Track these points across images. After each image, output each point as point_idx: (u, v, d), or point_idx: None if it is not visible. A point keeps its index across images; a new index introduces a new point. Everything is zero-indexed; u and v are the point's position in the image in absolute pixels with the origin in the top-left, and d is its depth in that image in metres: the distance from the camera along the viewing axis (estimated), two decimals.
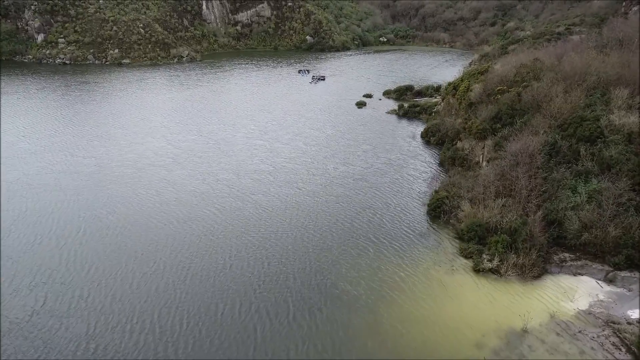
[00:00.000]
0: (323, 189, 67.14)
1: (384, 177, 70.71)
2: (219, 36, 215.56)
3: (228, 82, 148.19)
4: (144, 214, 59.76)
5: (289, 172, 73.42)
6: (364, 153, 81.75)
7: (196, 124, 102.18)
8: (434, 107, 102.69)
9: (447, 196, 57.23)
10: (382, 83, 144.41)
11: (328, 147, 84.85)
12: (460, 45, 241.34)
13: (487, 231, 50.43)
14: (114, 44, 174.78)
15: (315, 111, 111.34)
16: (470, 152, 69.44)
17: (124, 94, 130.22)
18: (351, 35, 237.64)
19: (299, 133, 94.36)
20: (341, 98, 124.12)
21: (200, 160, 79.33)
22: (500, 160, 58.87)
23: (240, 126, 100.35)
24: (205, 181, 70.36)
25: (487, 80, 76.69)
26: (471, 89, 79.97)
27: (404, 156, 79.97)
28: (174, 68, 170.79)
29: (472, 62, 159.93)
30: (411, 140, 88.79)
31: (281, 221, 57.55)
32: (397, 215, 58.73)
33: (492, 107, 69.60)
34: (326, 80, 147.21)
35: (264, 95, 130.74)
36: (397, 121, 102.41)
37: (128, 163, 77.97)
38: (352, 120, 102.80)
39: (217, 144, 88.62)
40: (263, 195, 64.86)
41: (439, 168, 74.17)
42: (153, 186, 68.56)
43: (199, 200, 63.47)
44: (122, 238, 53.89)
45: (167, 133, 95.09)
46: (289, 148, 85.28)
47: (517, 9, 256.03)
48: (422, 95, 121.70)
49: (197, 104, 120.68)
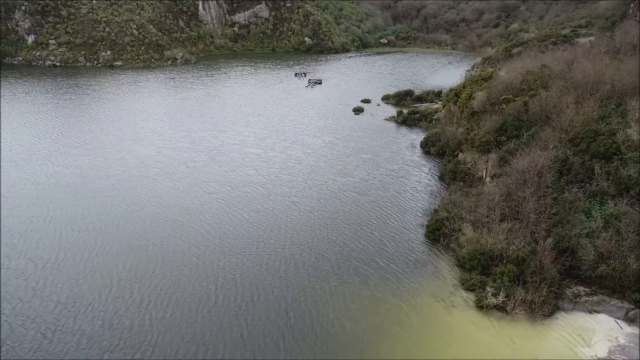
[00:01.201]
0: (318, 203, 62.27)
1: (381, 192, 65.67)
2: (215, 37, 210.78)
3: (223, 86, 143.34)
4: (123, 232, 54.82)
5: (283, 185, 68.54)
6: (361, 163, 76.71)
7: (188, 130, 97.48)
8: (435, 114, 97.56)
9: (447, 217, 52.17)
10: (382, 87, 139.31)
11: (323, 157, 79.90)
12: (462, 47, 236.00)
13: (491, 259, 45.36)
14: (106, 46, 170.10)
15: (312, 117, 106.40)
16: (473, 166, 64.36)
17: (114, 98, 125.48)
18: (351, 36, 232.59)
19: (294, 140, 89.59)
20: (338, 103, 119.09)
21: (189, 171, 74.52)
22: (506, 178, 53.79)
23: (235, 132, 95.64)
24: (194, 194, 65.51)
25: (491, 87, 71.58)
26: (474, 97, 74.89)
27: (402, 168, 74.91)
28: (167, 70, 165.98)
29: (474, 65, 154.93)
30: (410, 150, 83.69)
31: (274, 242, 52.51)
32: (394, 237, 53.69)
33: (496, 118, 64.52)
34: (323, 84, 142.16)
35: (260, 99, 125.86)
36: (396, 129, 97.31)
37: (113, 174, 73.20)
38: (349, 128, 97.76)
39: (209, 152, 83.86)
40: (255, 212, 59.76)
41: (439, 182, 69.06)
42: (136, 200, 63.73)
43: (184, 217, 58.51)
44: (97, 261, 48.96)
45: (157, 140, 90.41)
46: (284, 157, 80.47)
47: (521, 10, 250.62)
48: (422, 100, 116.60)
49: (190, 108, 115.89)
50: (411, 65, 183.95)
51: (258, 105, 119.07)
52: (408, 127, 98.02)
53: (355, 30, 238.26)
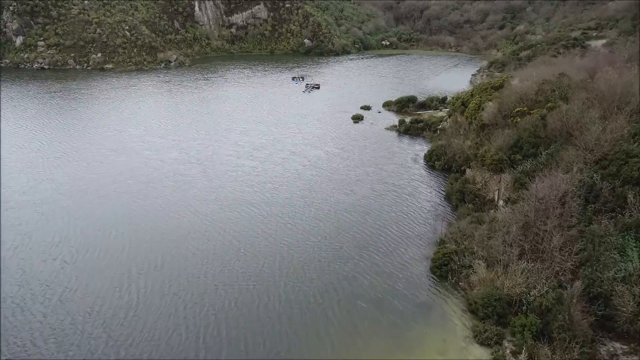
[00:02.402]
0: (317, 227, 55.71)
1: (383, 214, 58.85)
2: (212, 39, 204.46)
3: (217, 90, 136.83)
4: (94, 261, 48.23)
5: (279, 204, 61.90)
6: (362, 178, 70.03)
7: (179, 138, 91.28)
8: (439, 123, 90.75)
9: (455, 251, 45.42)
10: (383, 92, 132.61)
11: (322, 170, 73.29)
12: (466, 50, 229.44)
13: (508, 305, 38.66)
14: (96, 48, 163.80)
15: (309, 124, 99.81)
16: (483, 186, 57.60)
17: (103, 103, 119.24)
18: (352, 38, 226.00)
19: (292, 151, 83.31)
20: (337, 110, 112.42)
21: (178, 186, 68.02)
22: (522, 204, 46.96)
23: (229, 141, 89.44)
24: (180, 214, 58.99)
25: (502, 97, 64.77)
26: (483, 107, 68.11)
27: (404, 185, 68.14)
28: (160, 74, 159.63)
29: (480, 69, 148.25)
30: (413, 164, 76.92)
31: (266, 276, 45.69)
32: (396, 270, 46.90)
33: (509, 133, 57.72)
34: (321, 89, 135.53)
35: (257, 104, 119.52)
36: (398, 139, 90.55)
37: (90, 189, 66.82)
38: (348, 137, 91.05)
39: (200, 163, 77.48)
40: (246, 237, 52.83)
41: (445, 203, 62.31)
42: (114, 220, 57.20)
43: (167, 243, 51.85)
44: (65, 297, 42.41)
45: (144, 150, 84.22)
46: (280, 171, 74.04)
47: (527, 12, 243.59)
48: (425, 107, 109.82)
49: (182, 114, 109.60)
50: (414, 69, 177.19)
51: (254, 111, 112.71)
52: (410, 137, 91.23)
53: (357, 32, 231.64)
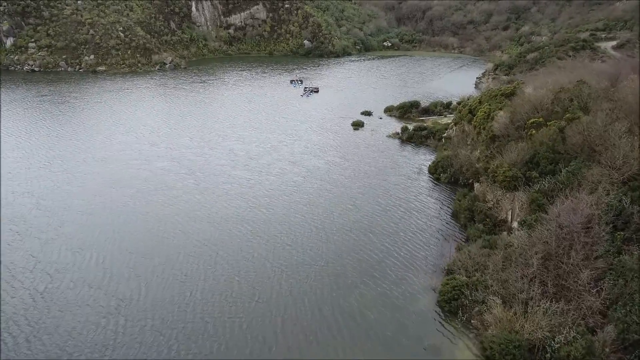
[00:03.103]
0: (317, 249, 50.90)
1: (385, 233, 53.81)
2: (209, 40, 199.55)
3: (213, 93, 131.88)
4: (69, 292, 43.16)
5: (277, 221, 57.06)
6: (361, 193, 64.87)
7: (172, 145, 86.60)
8: (444, 131, 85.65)
9: (466, 284, 40.34)
10: (384, 96, 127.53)
11: (321, 182, 68.39)
12: (470, 51, 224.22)
13: (530, 352, 33.62)
14: (89, 49, 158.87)
15: (308, 131, 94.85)
16: (495, 205, 52.49)
17: (94, 108, 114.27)
18: (353, 39, 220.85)
19: (291, 160, 78.76)
20: (336, 115, 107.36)
21: (166, 200, 63.17)
22: (541, 228, 41.86)
23: (224, 149, 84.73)
24: (167, 234, 54.12)
25: (514, 106, 59.65)
26: (493, 116, 62.99)
27: (410, 200, 63.05)
28: (154, 76, 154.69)
29: (486, 72, 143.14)
30: (417, 176, 71.78)
31: (261, 312, 40.49)
32: (399, 305, 41.93)
33: (523, 146, 52.62)
34: (320, 92, 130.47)
35: (254, 108, 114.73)
36: (400, 148, 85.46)
37: (70, 205, 61.96)
38: (348, 146, 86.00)
39: (193, 174, 72.69)
40: (241, 263, 47.88)
41: (452, 221, 57.22)
42: (94, 242, 52.21)
43: (152, 269, 46.82)
44: (32, 336, 37.39)
45: (134, 158, 79.61)
46: (278, 182, 69.33)
47: (532, 12, 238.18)
48: (429, 113, 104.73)
49: (175, 119, 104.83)
50: (416, 71, 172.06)
51: (251, 115, 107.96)
52: (414, 146, 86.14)
53: (358, 33, 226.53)
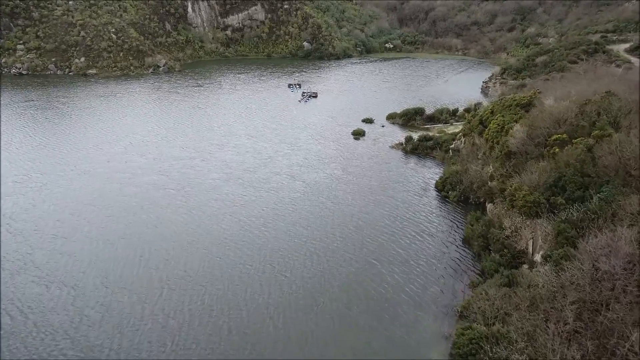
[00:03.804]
0: (316, 281, 45.24)
1: (389, 262, 47.80)
2: (205, 42, 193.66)
3: (208, 99, 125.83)
4: (25, 336, 37.32)
5: (273, 248, 51.45)
6: (363, 212, 58.76)
7: (162, 156, 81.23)
8: (451, 141, 79.52)
9: (485, 336, 34.25)
10: (386, 101, 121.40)
11: (320, 199, 62.24)
12: (474, 53, 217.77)
13: None
14: (80, 52, 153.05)
15: (306, 141, 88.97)
16: (513, 233, 46.35)
17: (81, 114, 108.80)
18: (353, 41, 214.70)
19: (289, 173, 73.38)
20: (336, 123, 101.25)
21: (149, 220, 57.66)
22: (571, 266, 35.74)
23: (217, 160, 79.38)
24: (147, 262, 48.54)
25: (532, 119, 53.50)
26: (508, 129, 56.87)
27: (415, 221, 56.92)
28: (147, 80, 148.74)
29: (493, 75, 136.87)
30: (422, 193, 65.60)
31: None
32: (409, 352, 35.93)
33: (545, 166, 46.47)
34: (319, 98, 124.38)
35: (250, 115, 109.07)
36: (404, 160, 79.31)
37: (44, 226, 56.21)
38: (349, 158, 79.94)
39: (182, 189, 67.22)
40: (231, 303, 41.89)
41: (463, 247, 51.10)
42: (62, 273, 46.24)
43: (128, 309, 40.80)
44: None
45: (120, 171, 74.17)
46: (274, 199, 63.85)
47: (538, 13, 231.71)
48: (434, 120, 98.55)
49: (168, 127, 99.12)
50: (419, 74, 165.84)
51: (248, 122, 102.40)
52: (419, 158, 80.00)
53: (359, 34, 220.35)
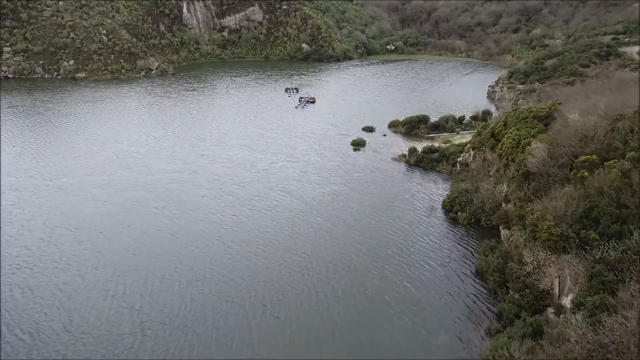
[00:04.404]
0: (314, 329, 38.40)
1: (397, 302, 41.59)
2: (201, 43, 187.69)
3: (201, 104, 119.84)
4: None
5: (263, 284, 44.41)
6: (366, 239, 52.52)
7: (148, 168, 75.28)
8: (459, 154, 73.39)
9: None
10: (388, 106, 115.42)
11: (318, 221, 55.90)
12: (478, 55, 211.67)
13: None
14: (69, 54, 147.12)
15: (303, 151, 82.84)
16: (536, 270, 40.15)
17: (68, 121, 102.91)
18: (354, 42, 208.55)
19: (285, 189, 66.91)
20: (335, 131, 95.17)
21: (124, 247, 51.49)
22: (611, 321, 29.59)
23: (207, 173, 73.49)
24: (116, 299, 41.99)
25: (554, 135, 47.33)
26: (525, 145, 50.71)
27: (423, 250, 50.75)
28: (138, 84, 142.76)
29: (499, 79, 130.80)
30: (429, 213, 59.42)
31: None
32: None
33: (571, 192, 40.27)
34: (317, 103, 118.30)
35: (245, 122, 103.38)
36: (408, 174, 73.16)
37: (3, 258, 50.02)
38: (348, 170, 73.91)
39: (165, 208, 61.22)
40: (210, 354, 35.94)
41: (477, 281, 44.93)
42: (13, 318, 40.23)
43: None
44: None
45: (99, 187, 68.19)
46: (267, 221, 57.25)
47: (544, 14, 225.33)
48: (439, 129, 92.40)
49: (157, 135, 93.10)
50: (422, 77, 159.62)
51: (242, 130, 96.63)
52: (423, 172, 73.81)
53: (359, 36, 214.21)
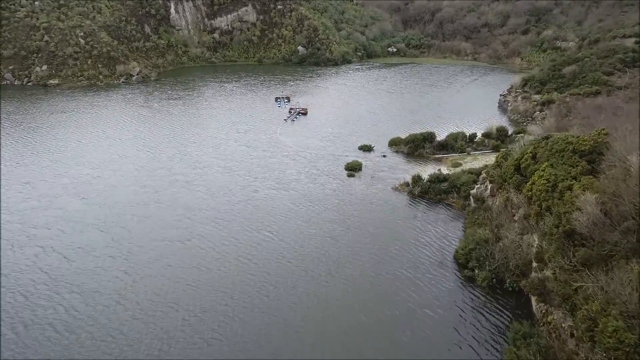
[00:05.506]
0: None
1: None
2: (190, 46, 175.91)
3: (183, 116, 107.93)
4: None
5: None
6: (365, 310, 40.70)
7: (106, 200, 63.58)
8: (472, 184, 61.49)
9: None
10: (389, 118, 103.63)
11: (307, 274, 44.03)
12: (485, 58, 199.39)
13: None
14: (42, 59, 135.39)
15: (292, 177, 70.82)
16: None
17: (29, 136, 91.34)
18: (353, 44, 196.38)
19: (270, 229, 55.43)
20: (328, 151, 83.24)
21: (54, 318, 39.58)
22: None
23: (177, 207, 61.85)
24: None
25: (609, 183, 35.32)
26: (564, 191, 38.75)
27: (432, 326, 38.96)
28: (117, 91, 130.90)
29: (512, 87, 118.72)
30: (438, 269, 47.33)
31: None
32: None
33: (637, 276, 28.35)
34: (309, 114, 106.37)
35: (229, 137, 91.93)
36: (411, 210, 61.17)
37: None
38: (342, 202, 62.23)
39: (118, 257, 49.89)
40: None
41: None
42: None
43: None
44: None
45: (43, 226, 56.52)
46: (245, 279, 45.33)
47: (554, 14, 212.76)
48: (447, 149, 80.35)
49: (126, 154, 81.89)
50: (426, 83, 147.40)
51: (225, 149, 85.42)
52: (429, 206, 61.84)
53: (359, 37, 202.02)
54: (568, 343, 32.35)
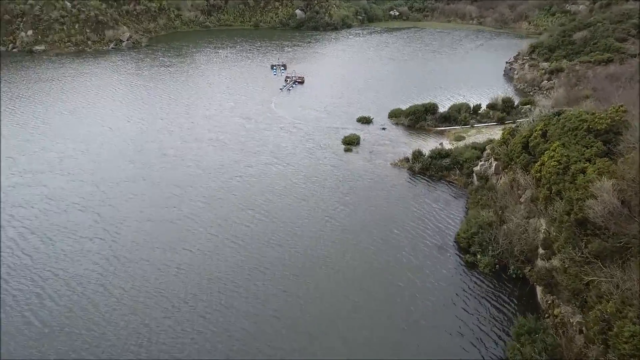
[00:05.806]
0: None
1: None
2: (183, 10, 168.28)
3: (174, 83, 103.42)
4: None
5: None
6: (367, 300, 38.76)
7: (88, 179, 59.69)
8: (476, 160, 58.49)
9: None
10: (389, 88, 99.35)
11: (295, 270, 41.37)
12: (491, 22, 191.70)
13: None
14: (27, 24, 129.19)
15: (287, 151, 67.35)
16: None
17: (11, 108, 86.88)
18: (354, 8, 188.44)
19: (265, 210, 51.62)
20: (325, 122, 79.70)
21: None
22: None
23: (165, 183, 58.42)
24: None
25: (629, 169, 32.34)
26: (577, 174, 35.88)
27: (433, 317, 36.93)
28: (106, 58, 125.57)
29: (519, 55, 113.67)
30: (438, 255, 44.91)
31: None
32: None
33: None
34: (306, 83, 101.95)
35: (222, 108, 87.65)
36: (410, 187, 58.38)
37: None
38: (340, 179, 59.30)
39: (95, 239, 46.83)
40: None
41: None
42: None
43: None
44: None
45: (20, 208, 52.93)
46: (230, 262, 42.55)
47: None
48: (450, 121, 76.76)
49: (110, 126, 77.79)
50: (429, 49, 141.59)
51: (218, 120, 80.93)
52: (430, 183, 59.04)
53: (360, 1, 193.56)
54: (576, 340, 30.28)
